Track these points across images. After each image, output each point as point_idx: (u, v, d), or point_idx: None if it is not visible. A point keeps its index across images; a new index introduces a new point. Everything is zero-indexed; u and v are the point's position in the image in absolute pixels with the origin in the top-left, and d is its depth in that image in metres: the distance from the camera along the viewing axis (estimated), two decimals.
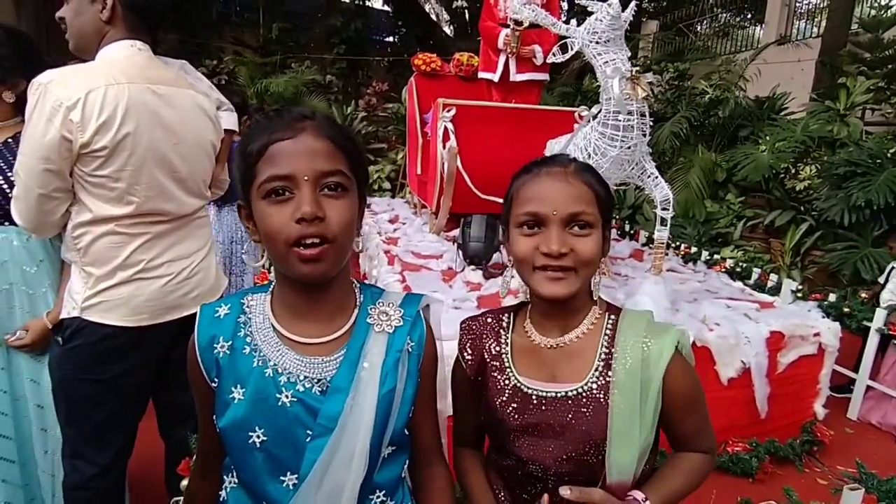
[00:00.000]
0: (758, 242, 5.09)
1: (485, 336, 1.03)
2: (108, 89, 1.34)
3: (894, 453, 2.77)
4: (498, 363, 1.00)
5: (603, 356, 0.94)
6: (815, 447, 2.65)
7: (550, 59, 2.74)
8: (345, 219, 0.79)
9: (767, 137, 5.06)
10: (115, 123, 1.35)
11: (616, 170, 2.60)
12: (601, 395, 0.91)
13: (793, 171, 4.95)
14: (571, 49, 2.63)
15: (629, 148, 2.47)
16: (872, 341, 3.02)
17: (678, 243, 4.44)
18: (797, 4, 8.42)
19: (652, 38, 11.27)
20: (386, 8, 14.04)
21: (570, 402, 0.92)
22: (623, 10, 2.43)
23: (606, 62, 2.48)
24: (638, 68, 2.35)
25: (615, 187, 2.91)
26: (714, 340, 2.40)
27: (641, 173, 2.61)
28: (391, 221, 4.64)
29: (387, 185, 7.54)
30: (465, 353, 1.04)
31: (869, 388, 3.06)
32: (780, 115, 5.94)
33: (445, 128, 3.96)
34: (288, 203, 0.77)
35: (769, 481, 2.43)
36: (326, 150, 0.80)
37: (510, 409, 0.96)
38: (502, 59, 4.46)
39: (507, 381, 0.98)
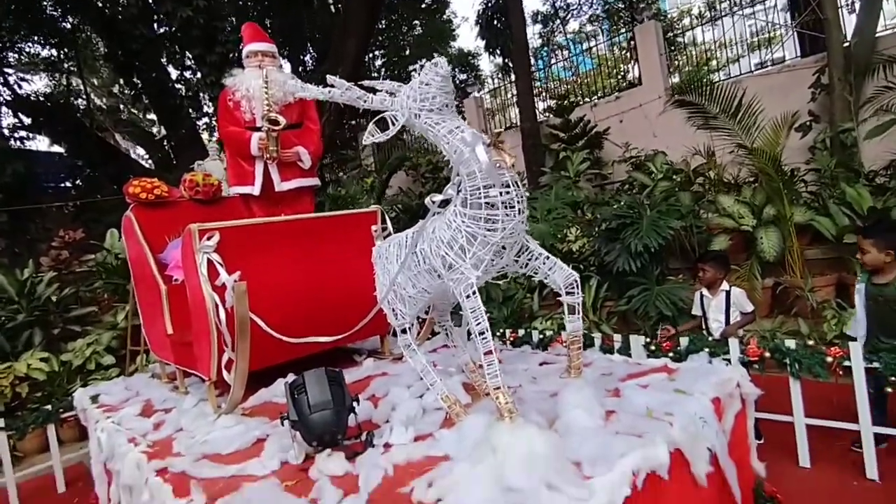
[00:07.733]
0: (559, 310, 5.16)
1: None
2: None
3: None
4: None
5: None
6: None
7: (368, 140, 2.06)
8: None
9: (535, 209, 5.34)
10: None
11: (498, 260, 1.99)
12: None
13: (561, 235, 5.25)
14: (394, 124, 2.02)
15: (512, 229, 1.90)
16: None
17: (502, 330, 4.10)
18: (486, 108, 9.91)
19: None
20: (57, 149, 11.56)
21: None
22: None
23: (451, 131, 1.93)
24: (500, 130, 1.84)
25: (491, 282, 2.30)
26: (680, 437, 1.90)
27: (527, 257, 2.06)
28: (144, 414, 3.07)
29: (109, 359, 5.50)
30: None
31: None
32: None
33: (209, 261, 2.83)
34: None
35: None
36: None
37: None
38: (259, 167, 3.58)
39: None
